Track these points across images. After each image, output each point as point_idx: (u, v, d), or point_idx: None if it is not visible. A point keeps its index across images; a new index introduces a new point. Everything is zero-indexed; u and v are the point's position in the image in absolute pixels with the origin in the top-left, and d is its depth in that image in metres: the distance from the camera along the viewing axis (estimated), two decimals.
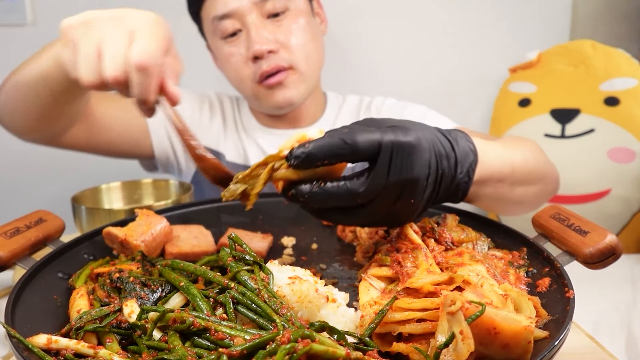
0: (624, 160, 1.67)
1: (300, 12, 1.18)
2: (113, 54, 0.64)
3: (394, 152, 0.58)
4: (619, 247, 0.60)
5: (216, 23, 1.15)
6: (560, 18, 2.00)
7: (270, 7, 1.14)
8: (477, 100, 2.02)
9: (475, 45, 2.00)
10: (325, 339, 0.47)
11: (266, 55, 1.13)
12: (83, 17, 0.69)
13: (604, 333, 1.12)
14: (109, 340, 0.53)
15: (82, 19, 0.69)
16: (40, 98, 0.90)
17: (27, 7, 1.86)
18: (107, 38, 0.65)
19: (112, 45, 0.65)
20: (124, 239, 0.70)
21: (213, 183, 0.67)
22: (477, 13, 1.98)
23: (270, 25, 1.14)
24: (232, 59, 1.16)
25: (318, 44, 1.22)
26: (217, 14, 1.14)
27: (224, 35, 1.16)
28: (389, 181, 0.58)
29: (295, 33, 1.16)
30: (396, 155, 0.58)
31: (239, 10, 1.12)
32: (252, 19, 1.12)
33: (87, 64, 0.66)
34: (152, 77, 0.64)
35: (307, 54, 1.17)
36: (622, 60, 1.73)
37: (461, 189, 0.68)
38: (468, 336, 0.45)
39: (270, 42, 1.12)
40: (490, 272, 0.61)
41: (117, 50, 0.64)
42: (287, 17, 1.16)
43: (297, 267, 0.62)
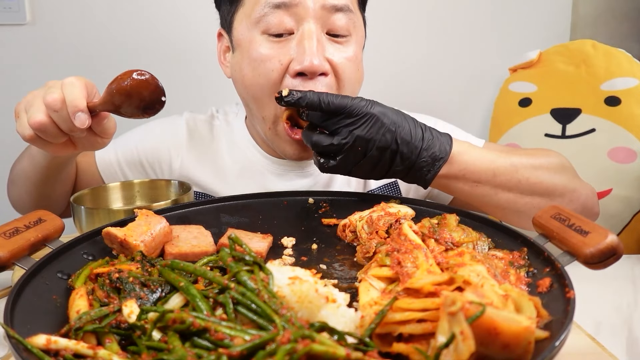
0: (624, 160, 1.67)
1: (359, 44, 1.03)
2: (50, 90, 0.82)
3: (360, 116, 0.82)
4: (620, 247, 0.60)
5: (267, 10, 0.95)
6: (560, 18, 2.00)
7: (334, 23, 0.96)
8: (477, 100, 2.02)
9: (475, 45, 2.00)
10: (325, 340, 0.46)
11: (315, 77, 0.94)
12: (24, 97, 0.88)
13: (605, 333, 1.12)
14: (109, 341, 0.52)
15: (23, 99, 0.87)
16: (36, 179, 1.07)
17: (26, 7, 1.86)
18: (37, 97, 0.83)
19: (48, 90, 0.82)
20: (123, 239, 0.70)
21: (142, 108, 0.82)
22: (477, 13, 1.98)
23: (328, 43, 0.97)
24: (268, 64, 0.96)
25: (359, 84, 1.06)
26: (273, 0, 0.94)
27: (269, 31, 0.96)
28: (353, 134, 0.82)
29: (351, 64, 0.99)
30: (360, 119, 0.82)
31: (304, 6, 0.93)
32: (312, 26, 0.94)
33: (34, 109, 0.82)
34: (78, 88, 0.81)
35: (354, 90, 1.02)
36: (623, 60, 1.73)
37: (424, 174, 0.87)
38: (468, 336, 0.44)
39: (326, 62, 0.95)
40: (490, 273, 0.60)
41: (52, 87, 0.82)
42: (348, 43, 0.99)
43: (297, 268, 0.61)
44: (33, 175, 1.07)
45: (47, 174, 1.06)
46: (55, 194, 1.13)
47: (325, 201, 0.90)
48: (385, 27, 1.95)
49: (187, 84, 1.97)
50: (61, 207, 1.19)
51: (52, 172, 1.06)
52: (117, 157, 1.22)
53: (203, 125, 1.23)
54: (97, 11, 1.89)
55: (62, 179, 1.11)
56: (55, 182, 1.10)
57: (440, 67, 1.99)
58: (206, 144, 1.21)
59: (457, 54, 1.98)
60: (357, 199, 0.90)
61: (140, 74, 0.78)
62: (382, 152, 0.84)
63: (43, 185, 1.09)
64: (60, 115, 0.81)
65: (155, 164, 1.22)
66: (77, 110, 0.80)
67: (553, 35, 1.99)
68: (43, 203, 1.13)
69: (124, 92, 0.79)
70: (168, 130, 1.23)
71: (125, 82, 0.78)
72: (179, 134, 1.22)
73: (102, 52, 1.92)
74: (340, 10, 0.96)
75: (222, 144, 1.21)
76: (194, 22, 1.20)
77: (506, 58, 1.95)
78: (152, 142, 1.22)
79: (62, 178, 1.11)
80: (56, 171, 1.07)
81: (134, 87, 0.78)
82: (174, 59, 1.95)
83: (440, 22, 1.96)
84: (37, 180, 1.08)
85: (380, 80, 1.96)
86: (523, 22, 1.98)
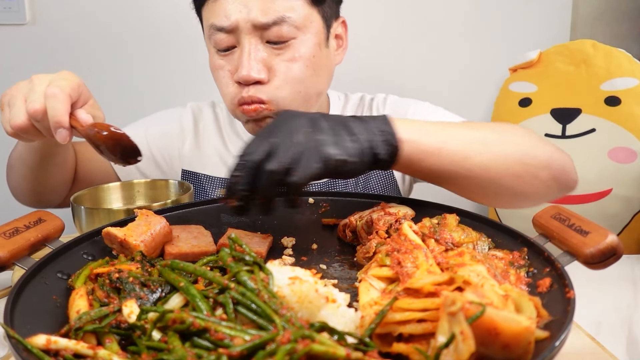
0: (624, 160, 1.67)
1: (308, 43, 1.04)
2: (33, 95, 0.82)
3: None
4: (620, 247, 0.60)
5: (212, 31, 1.05)
6: (560, 17, 2.00)
7: (274, 35, 1.01)
8: (477, 100, 2.02)
9: (475, 45, 2.00)
10: (326, 340, 0.46)
11: (251, 84, 1.02)
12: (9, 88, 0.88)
13: (605, 333, 1.12)
14: (109, 341, 0.52)
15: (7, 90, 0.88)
16: (31, 162, 1.07)
17: (26, 7, 1.86)
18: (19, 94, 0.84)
19: (31, 91, 0.82)
20: (123, 239, 0.70)
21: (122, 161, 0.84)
22: (477, 13, 1.98)
23: (267, 51, 1.02)
24: (220, 72, 1.07)
25: (320, 77, 1.09)
26: (215, 24, 1.03)
27: (217, 47, 1.06)
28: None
29: (294, 67, 1.03)
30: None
31: (238, 28, 1.01)
32: (249, 41, 1.01)
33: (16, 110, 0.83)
34: (62, 102, 0.80)
35: (298, 90, 1.05)
36: (623, 60, 1.73)
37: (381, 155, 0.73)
38: (468, 336, 0.44)
39: (261, 71, 1.01)
40: (490, 273, 0.60)
41: (36, 92, 0.82)
42: (291, 46, 1.03)
43: (297, 268, 0.61)
44: (29, 158, 1.07)
45: (42, 156, 1.06)
46: (52, 180, 1.12)
47: (325, 201, 0.90)
48: (385, 27, 1.95)
49: (187, 83, 1.97)
50: (59, 196, 1.19)
51: (47, 155, 1.06)
52: None
53: (207, 110, 1.32)
54: (97, 11, 1.89)
55: (59, 163, 1.11)
56: (51, 167, 1.10)
57: (440, 67, 1.99)
58: (211, 128, 1.29)
59: (457, 54, 1.98)
60: (357, 199, 0.90)
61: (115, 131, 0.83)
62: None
63: (39, 169, 1.09)
64: (42, 125, 0.83)
65: (163, 150, 1.29)
66: (59, 127, 0.81)
67: (553, 35, 1.99)
68: (39, 189, 1.13)
69: (100, 139, 0.82)
70: (175, 118, 1.31)
71: (103, 132, 0.82)
72: (185, 120, 1.30)
73: (102, 52, 1.92)
74: (275, 24, 1.00)
75: (226, 129, 1.29)
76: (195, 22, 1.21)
77: (506, 58, 1.95)
78: (161, 129, 1.30)
79: (58, 162, 1.10)
80: (51, 154, 1.07)
81: (108, 138, 0.82)
82: (174, 58, 1.95)
83: (440, 22, 1.96)
84: (33, 163, 1.07)
85: (379, 80, 1.96)
86: (523, 22, 1.98)
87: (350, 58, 1.94)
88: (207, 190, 1.26)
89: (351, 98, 1.33)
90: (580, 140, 1.73)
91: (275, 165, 0.66)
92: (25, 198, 1.19)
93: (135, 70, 1.95)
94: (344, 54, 1.20)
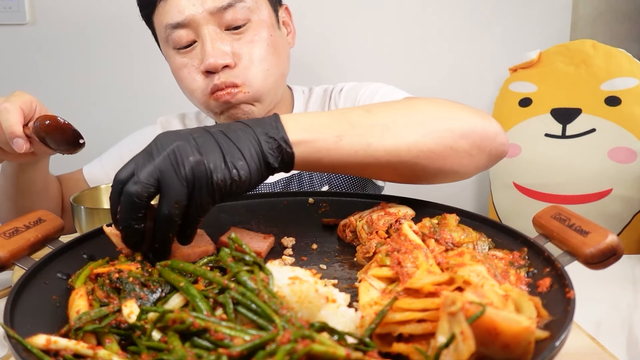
0: (625, 160, 1.67)
1: (262, 24, 1.08)
2: None
3: (146, 149, 0.65)
4: (620, 247, 0.60)
5: (169, 31, 1.06)
6: (560, 17, 2.00)
7: (230, 19, 1.04)
8: (477, 100, 2.02)
9: (475, 45, 2.00)
10: (326, 340, 0.46)
11: (220, 70, 1.04)
12: None
13: (605, 333, 1.12)
14: (109, 341, 0.52)
15: None
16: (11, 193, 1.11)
17: (26, 7, 1.86)
18: None
19: None
20: None
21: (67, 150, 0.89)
22: (477, 12, 1.98)
23: (228, 38, 1.05)
24: (184, 70, 1.08)
25: (281, 58, 1.13)
26: (171, 22, 1.05)
27: (177, 46, 1.07)
28: (155, 159, 0.62)
29: (256, 47, 1.06)
30: (149, 149, 0.64)
31: (195, 20, 1.03)
32: (208, 30, 1.03)
33: None
34: (13, 113, 0.85)
35: (266, 68, 1.08)
36: (623, 60, 1.73)
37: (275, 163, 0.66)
38: (468, 336, 0.44)
39: (226, 55, 1.03)
40: (490, 273, 0.60)
41: None
42: (248, 29, 1.06)
43: (297, 268, 0.61)
44: (9, 189, 1.11)
45: (20, 185, 1.09)
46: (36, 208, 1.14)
47: (325, 201, 0.90)
48: (385, 27, 1.95)
49: None
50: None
51: (25, 183, 1.09)
52: (104, 171, 1.30)
53: (176, 122, 1.34)
54: (97, 11, 1.89)
55: (39, 190, 1.13)
56: (32, 194, 1.12)
57: (439, 67, 1.99)
58: None
59: (457, 53, 1.98)
60: (357, 199, 0.90)
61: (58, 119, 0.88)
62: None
63: (21, 199, 1.12)
64: (0, 139, 0.89)
65: None
66: (14, 137, 0.86)
67: (553, 35, 1.99)
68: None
69: (44, 130, 0.88)
70: (147, 136, 1.29)
71: (46, 121, 0.87)
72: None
73: (102, 52, 1.92)
74: (229, 7, 1.03)
75: None
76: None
77: (506, 58, 1.95)
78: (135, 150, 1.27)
79: (38, 190, 1.13)
80: (28, 181, 1.09)
81: (51, 127, 0.87)
82: None
83: (440, 22, 1.96)
84: (13, 194, 1.11)
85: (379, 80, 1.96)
86: (523, 22, 1.98)
87: (348, 57, 1.94)
88: None
89: (315, 91, 1.33)
90: (580, 140, 1.73)
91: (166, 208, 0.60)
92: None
93: (135, 71, 1.95)
94: (294, 39, 1.23)
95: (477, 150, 0.79)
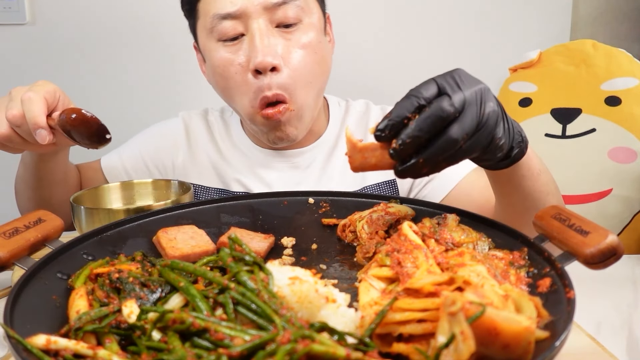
0: (625, 160, 1.67)
1: (313, 28, 1.05)
2: (11, 103, 0.85)
3: (453, 75, 0.65)
4: (620, 247, 0.60)
5: (216, 22, 1.02)
6: (560, 17, 2.00)
7: (282, 15, 1.01)
8: None
9: (475, 45, 2.00)
10: (325, 340, 0.46)
11: (268, 73, 1.00)
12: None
13: (605, 333, 1.12)
14: (109, 341, 0.52)
15: None
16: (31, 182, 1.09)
17: (26, 7, 1.86)
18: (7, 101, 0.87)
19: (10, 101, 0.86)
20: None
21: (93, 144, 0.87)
22: (477, 12, 1.98)
23: (277, 35, 1.02)
24: (230, 68, 1.03)
25: (325, 67, 1.10)
26: (220, 12, 1.01)
27: (223, 37, 1.03)
28: (464, 90, 0.63)
29: (304, 50, 1.03)
30: (457, 76, 0.65)
31: (247, 12, 1.00)
32: (258, 24, 1.00)
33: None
34: (37, 104, 0.83)
35: (308, 81, 1.05)
36: (623, 60, 1.73)
37: (514, 152, 0.74)
38: (468, 337, 0.44)
39: (276, 55, 1.00)
40: (490, 273, 0.60)
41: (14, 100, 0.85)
42: (298, 30, 1.03)
43: (297, 268, 0.61)
44: (29, 179, 1.09)
45: (40, 175, 1.07)
46: (56, 198, 1.12)
47: (325, 201, 0.90)
48: (385, 27, 1.95)
49: (187, 83, 1.97)
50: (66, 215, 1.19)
51: (45, 173, 1.07)
52: (122, 163, 1.27)
53: (198, 118, 1.30)
54: (97, 11, 1.89)
55: (59, 181, 1.11)
56: (52, 185, 1.10)
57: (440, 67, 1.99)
58: (202, 137, 1.27)
59: (457, 53, 1.98)
60: (357, 199, 0.90)
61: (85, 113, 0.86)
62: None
63: (40, 189, 1.10)
64: (23, 129, 0.86)
65: (159, 164, 1.28)
66: (37, 128, 0.84)
67: (553, 35, 1.99)
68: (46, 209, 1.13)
69: (70, 123, 0.85)
70: (168, 131, 1.29)
71: (72, 115, 0.84)
72: (178, 132, 1.28)
73: (102, 52, 1.92)
74: (284, 3, 1.01)
75: (217, 136, 1.27)
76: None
77: (506, 58, 1.95)
78: (155, 144, 1.28)
79: (58, 180, 1.11)
80: (49, 171, 1.07)
81: (78, 121, 0.85)
82: (174, 58, 1.95)
83: (440, 21, 1.96)
84: (33, 183, 1.09)
85: (379, 80, 1.96)
86: (523, 22, 1.98)
87: (347, 57, 1.94)
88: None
89: (352, 106, 1.28)
90: (580, 140, 1.73)
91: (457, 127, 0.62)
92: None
93: (135, 71, 1.95)
94: (333, 49, 1.20)
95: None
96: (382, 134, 0.63)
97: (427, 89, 0.63)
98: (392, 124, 0.62)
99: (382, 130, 0.62)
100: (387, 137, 0.63)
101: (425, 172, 0.65)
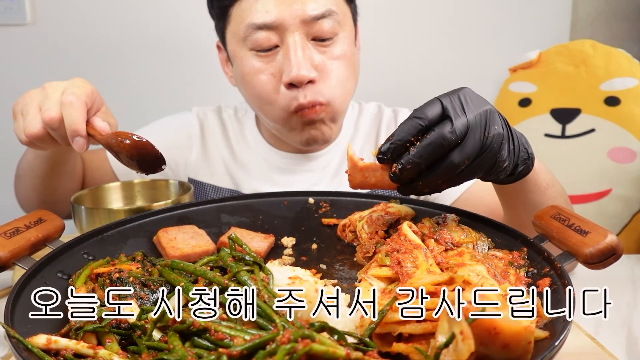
0: (624, 160, 1.67)
1: (347, 41, 1.04)
2: (48, 103, 0.80)
3: (459, 95, 0.64)
4: (620, 247, 0.60)
5: (251, 31, 0.99)
6: (560, 18, 2.00)
7: (318, 30, 0.99)
8: None
9: (475, 45, 2.00)
10: (325, 339, 0.46)
11: (304, 86, 0.99)
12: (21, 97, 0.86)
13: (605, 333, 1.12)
14: (109, 341, 0.52)
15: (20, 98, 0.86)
16: (40, 171, 1.05)
17: (26, 7, 1.86)
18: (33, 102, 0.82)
19: (46, 99, 0.80)
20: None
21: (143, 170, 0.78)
22: (477, 13, 1.98)
23: (313, 49, 1.00)
24: (261, 77, 1.02)
25: (356, 73, 1.10)
26: (255, 22, 0.98)
27: (256, 48, 1.01)
28: (468, 114, 0.62)
29: (340, 65, 1.03)
30: (463, 97, 0.64)
31: (284, 24, 0.97)
32: (294, 38, 0.98)
33: (30, 119, 0.81)
34: (78, 110, 0.78)
35: (345, 90, 1.05)
36: (623, 60, 1.73)
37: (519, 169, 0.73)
38: (468, 336, 0.44)
39: (312, 69, 0.98)
40: (490, 272, 0.61)
41: (51, 100, 0.80)
42: (334, 43, 1.02)
43: (297, 268, 0.62)
44: (38, 167, 1.05)
45: (52, 165, 1.05)
46: (60, 188, 1.11)
47: (325, 201, 0.90)
48: (385, 27, 1.95)
49: (188, 83, 1.97)
50: (67, 205, 1.18)
51: (56, 163, 1.05)
52: None
53: (213, 115, 1.28)
54: (98, 11, 1.89)
55: (68, 171, 1.10)
56: (61, 175, 1.09)
57: (440, 67, 1.99)
58: (217, 135, 1.26)
59: (457, 54, 1.98)
60: (357, 199, 0.90)
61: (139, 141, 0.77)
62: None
63: (48, 178, 1.07)
64: (58, 133, 0.81)
65: (170, 160, 1.24)
66: (76, 135, 0.78)
67: (553, 35, 1.99)
68: (48, 198, 1.11)
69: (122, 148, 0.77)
70: (181, 125, 1.27)
71: (126, 140, 0.76)
72: (191, 127, 1.26)
73: (103, 52, 1.92)
74: (322, 17, 1.00)
75: (231, 136, 1.26)
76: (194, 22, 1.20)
77: (506, 58, 1.95)
78: (167, 137, 1.25)
79: (68, 171, 1.09)
80: (61, 162, 1.05)
81: (132, 147, 0.76)
82: (175, 58, 1.95)
83: (440, 21, 1.96)
84: (42, 172, 1.06)
85: (379, 80, 1.96)
86: (523, 22, 1.98)
87: None
88: None
89: (366, 108, 1.28)
90: (580, 140, 1.73)
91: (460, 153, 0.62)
92: (34, 209, 1.17)
93: (135, 71, 1.95)
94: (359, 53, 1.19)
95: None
96: (385, 157, 0.64)
97: (431, 109, 0.63)
98: (394, 147, 0.63)
99: (384, 154, 0.63)
100: (389, 160, 0.64)
101: (427, 192, 0.66)
